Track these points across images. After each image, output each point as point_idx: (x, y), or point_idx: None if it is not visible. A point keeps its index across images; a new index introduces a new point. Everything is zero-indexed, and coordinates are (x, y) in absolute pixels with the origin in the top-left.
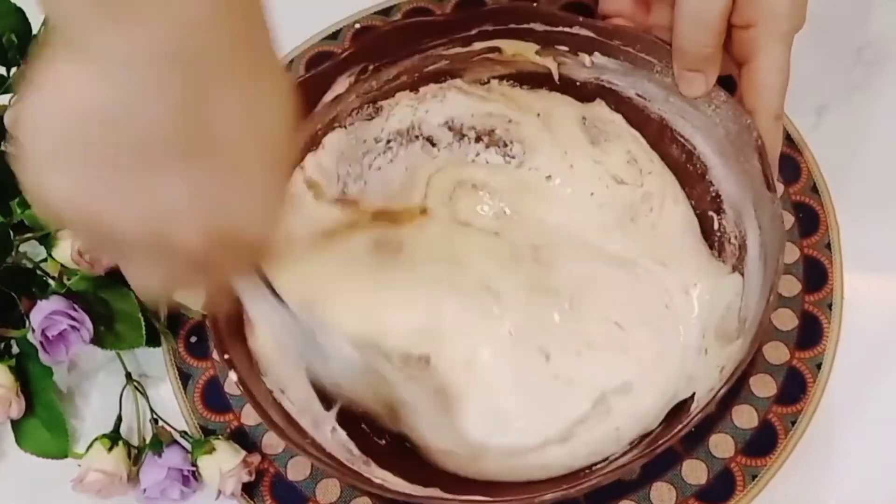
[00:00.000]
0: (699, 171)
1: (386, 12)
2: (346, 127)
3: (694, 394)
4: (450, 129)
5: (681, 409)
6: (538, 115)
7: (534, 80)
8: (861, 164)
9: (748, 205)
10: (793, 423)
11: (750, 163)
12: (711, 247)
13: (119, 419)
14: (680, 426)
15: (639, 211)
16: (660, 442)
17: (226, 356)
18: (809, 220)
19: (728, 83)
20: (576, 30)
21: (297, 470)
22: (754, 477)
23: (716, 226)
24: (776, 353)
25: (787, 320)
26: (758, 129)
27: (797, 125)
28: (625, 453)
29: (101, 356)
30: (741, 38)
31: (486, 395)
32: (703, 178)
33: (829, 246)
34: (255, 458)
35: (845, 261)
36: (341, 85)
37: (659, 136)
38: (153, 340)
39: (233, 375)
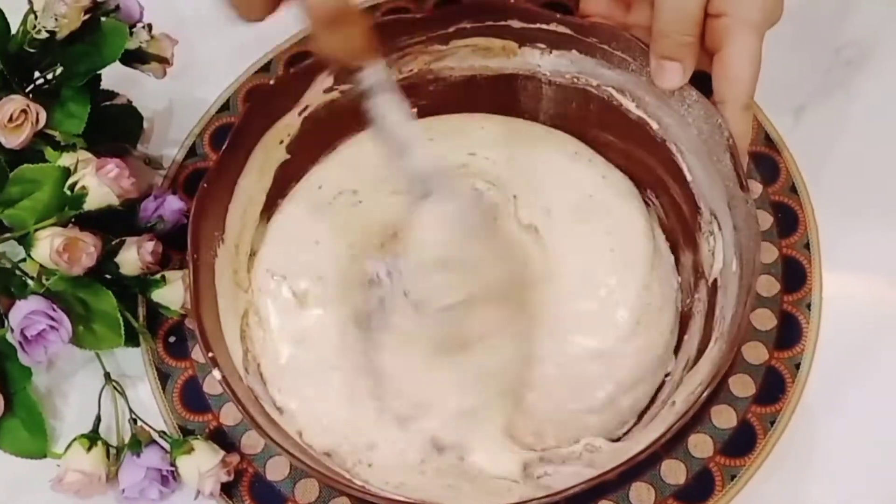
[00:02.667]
0: (674, 171)
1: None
2: None
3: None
4: None
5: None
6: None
7: None
8: (840, 164)
9: (723, 205)
10: (772, 423)
11: (722, 162)
12: (694, 247)
13: (98, 419)
14: (662, 431)
15: None
16: (641, 448)
17: (210, 354)
18: (788, 220)
19: (700, 82)
20: (553, 27)
21: (276, 470)
22: (733, 477)
23: (694, 226)
24: (755, 353)
25: (765, 320)
26: (726, 118)
27: (776, 125)
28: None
29: (80, 356)
30: (713, 28)
31: None
32: (679, 178)
33: (807, 246)
34: (234, 458)
35: (824, 261)
36: (321, 83)
37: (634, 134)
38: (132, 340)
39: (216, 373)
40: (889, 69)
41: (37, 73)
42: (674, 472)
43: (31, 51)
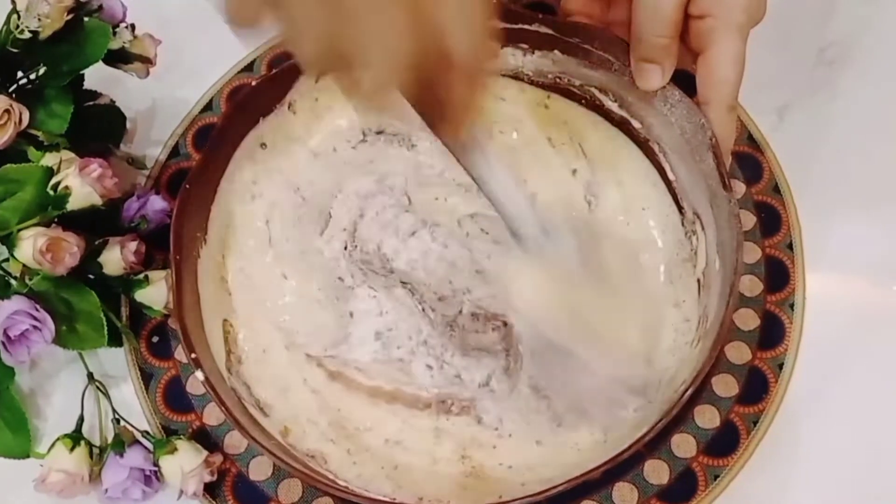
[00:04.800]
0: (657, 170)
1: None
2: None
3: None
4: None
5: None
6: None
7: None
8: (823, 163)
9: (705, 204)
10: (755, 423)
11: (705, 162)
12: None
13: (81, 419)
14: (644, 431)
15: None
16: (624, 447)
17: (193, 355)
18: (771, 219)
19: (684, 82)
20: (535, 27)
21: (259, 470)
22: (716, 477)
23: (678, 225)
24: (738, 353)
25: (748, 320)
26: (711, 120)
27: (759, 125)
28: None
29: (63, 356)
30: (697, 29)
31: None
32: (662, 177)
33: (790, 246)
34: (217, 458)
35: (807, 261)
36: (304, 84)
37: (617, 134)
38: (115, 340)
39: (199, 374)
40: (872, 69)
41: (20, 73)
42: (657, 472)
43: (15, 51)
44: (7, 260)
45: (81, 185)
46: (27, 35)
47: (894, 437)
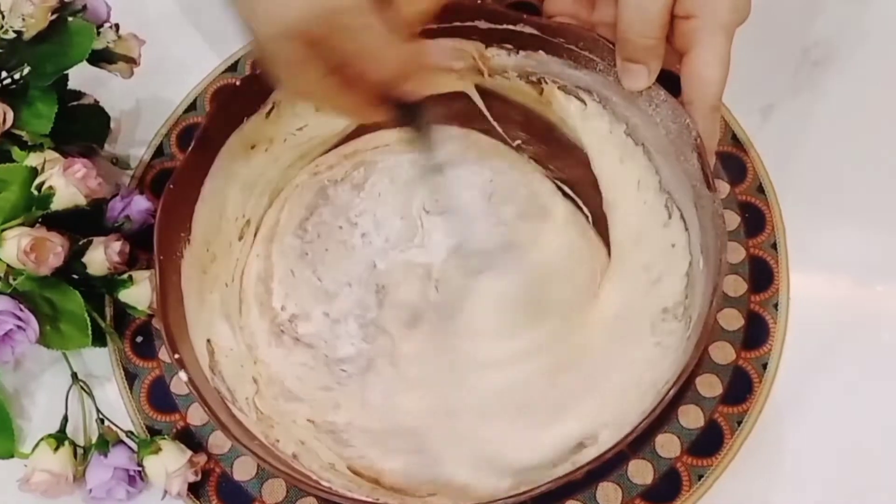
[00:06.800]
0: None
1: None
2: None
3: None
4: None
5: None
6: None
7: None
8: (807, 163)
9: (689, 204)
10: (739, 423)
11: (689, 162)
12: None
13: (65, 419)
14: (628, 431)
15: None
16: (607, 448)
17: (176, 356)
18: (755, 219)
19: (669, 81)
20: (520, 27)
21: (243, 470)
22: (700, 477)
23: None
24: (722, 352)
25: (732, 320)
26: (695, 119)
27: (743, 125)
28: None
29: (47, 356)
30: (682, 29)
31: None
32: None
33: (774, 246)
34: (201, 458)
35: (791, 261)
36: None
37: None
38: (99, 340)
39: (182, 375)
40: (856, 69)
41: (4, 73)
42: (641, 472)
43: None
44: None
45: (66, 185)
46: (11, 35)
47: (877, 437)
